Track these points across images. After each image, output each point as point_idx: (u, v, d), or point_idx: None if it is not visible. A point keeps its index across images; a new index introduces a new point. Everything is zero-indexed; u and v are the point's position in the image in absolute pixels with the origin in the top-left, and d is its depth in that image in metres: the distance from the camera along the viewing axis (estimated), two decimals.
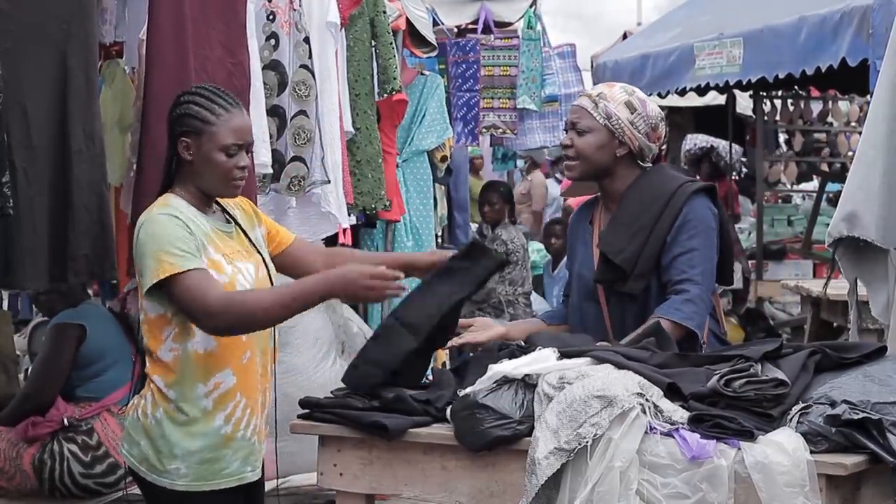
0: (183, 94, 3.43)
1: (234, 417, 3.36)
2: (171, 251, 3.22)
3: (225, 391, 3.34)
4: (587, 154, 3.77)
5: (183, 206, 3.35)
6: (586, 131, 3.77)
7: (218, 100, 3.37)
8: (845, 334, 7.35)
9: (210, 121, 3.32)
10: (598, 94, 3.80)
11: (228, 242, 3.42)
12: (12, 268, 4.10)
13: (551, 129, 9.74)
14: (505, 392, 3.25)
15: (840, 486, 2.98)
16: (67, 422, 5.18)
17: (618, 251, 3.70)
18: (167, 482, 3.33)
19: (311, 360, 5.60)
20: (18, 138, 4.05)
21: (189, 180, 3.39)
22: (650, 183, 3.81)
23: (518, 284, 8.87)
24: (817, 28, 7.05)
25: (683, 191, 3.76)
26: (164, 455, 3.32)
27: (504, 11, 9.39)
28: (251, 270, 3.42)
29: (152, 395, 3.36)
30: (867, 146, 4.26)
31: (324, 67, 5.56)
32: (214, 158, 3.33)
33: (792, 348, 3.34)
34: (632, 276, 3.70)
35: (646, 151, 3.80)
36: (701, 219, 3.74)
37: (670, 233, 3.71)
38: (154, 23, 4.39)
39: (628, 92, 3.81)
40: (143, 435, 3.35)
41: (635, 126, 3.76)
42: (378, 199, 6.34)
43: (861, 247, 4.30)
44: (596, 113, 3.76)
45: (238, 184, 3.40)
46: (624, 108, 3.76)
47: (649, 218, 3.72)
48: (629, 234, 3.72)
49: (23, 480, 5.21)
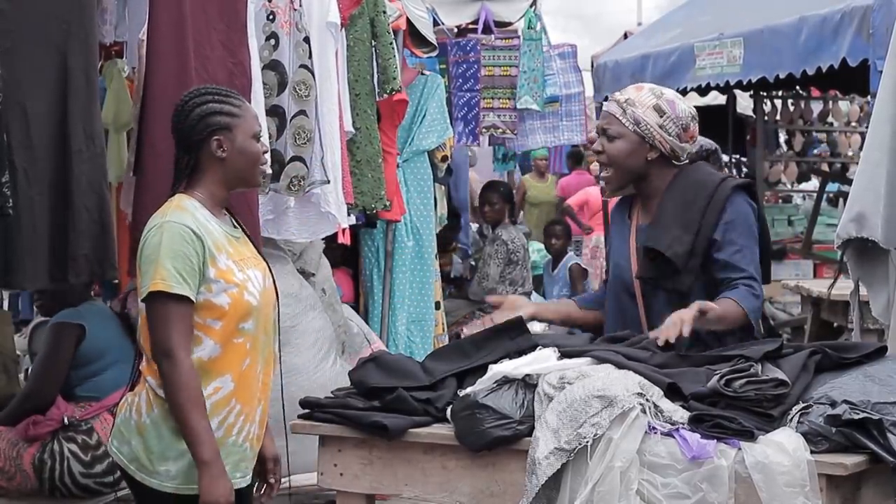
0: (189, 98, 3.43)
1: (227, 422, 3.35)
2: (170, 269, 3.23)
3: (222, 397, 3.33)
4: (619, 160, 3.77)
5: (198, 208, 3.35)
6: (616, 137, 3.76)
7: (229, 95, 3.46)
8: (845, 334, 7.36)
9: (237, 114, 3.40)
10: (626, 100, 3.77)
11: (238, 247, 3.43)
12: (12, 268, 4.09)
13: (552, 129, 9.73)
14: (505, 392, 3.25)
15: (840, 486, 2.98)
16: (68, 421, 5.18)
17: (667, 247, 3.70)
18: (156, 483, 3.31)
19: (311, 360, 5.59)
20: (18, 138, 4.05)
21: (210, 181, 3.39)
22: (690, 181, 3.80)
23: (518, 284, 8.87)
24: (818, 28, 7.04)
25: (725, 187, 3.75)
26: (156, 456, 3.31)
27: (504, 11, 9.37)
28: (259, 279, 3.43)
29: (147, 395, 3.34)
30: (873, 147, 4.26)
31: (324, 67, 5.56)
32: (249, 147, 3.41)
33: (792, 348, 3.34)
34: (684, 273, 3.70)
35: (678, 152, 3.78)
36: (745, 215, 3.75)
37: (717, 229, 3.71)
38: (154, 23, 4.39)
39: (657, 95, 3.78)
40: (135, 434, 3.33)
41: (665, 129, 3.74)
42: (378, 199, 6.34)
43: (865, 247, 4.31)
44: (624, 119, 3.75)
45: (265, 169, 3.52)
46: (652, 113, 3.74)
47: (695, 214, 3.71)
48: (677, 232, 3.71)
49: (23, 480, 5.20)
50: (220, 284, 3.31)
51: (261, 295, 3.40)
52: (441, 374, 3.47)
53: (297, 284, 5.74)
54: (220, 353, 3.32)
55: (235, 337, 3.34)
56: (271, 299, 3.48)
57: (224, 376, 3.34)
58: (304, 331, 5.63)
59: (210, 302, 3.30)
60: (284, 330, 5.53)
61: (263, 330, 3.42)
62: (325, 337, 5.73)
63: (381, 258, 7.03)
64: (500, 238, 8.86)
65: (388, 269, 6.99)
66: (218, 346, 3.31)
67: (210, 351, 3.31)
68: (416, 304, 7.14)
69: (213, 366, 3.32)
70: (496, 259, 8.78)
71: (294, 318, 5.59)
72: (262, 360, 3.44)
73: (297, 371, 5.51)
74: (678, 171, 3.81)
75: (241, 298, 3.33)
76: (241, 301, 3.33)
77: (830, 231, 10.21)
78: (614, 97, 3.84)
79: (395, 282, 7.01)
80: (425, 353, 6.06)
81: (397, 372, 3.49)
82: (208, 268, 3.29)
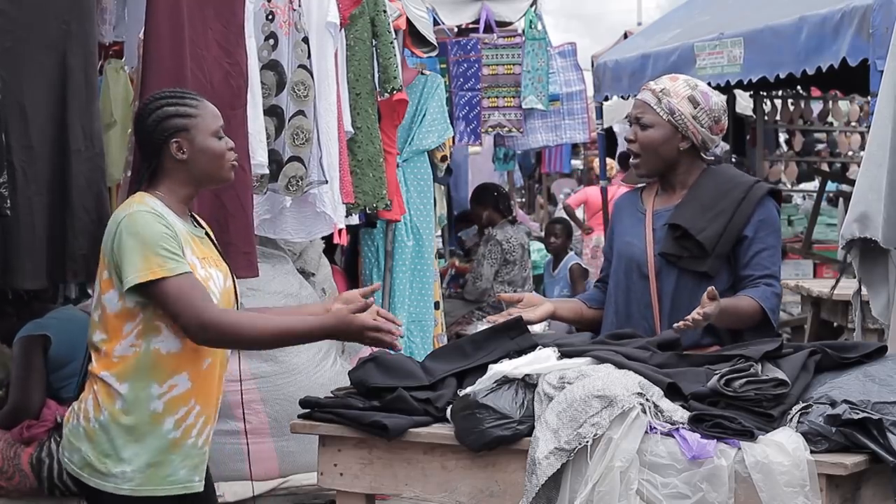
0: (146, 103, 3.46)
1: (185, 423, 3.33)
2: (160, 252, 3.23)
3: (178, 395, 3.31)
4: (652, 148, 3.83)
5: (159, 205, 3.35)
6: (650, 126, 3.83)
7: (185, 95, 3.46)
8: (845, 334, 7.35)
9: (192, 114, 3.39)
10: (662, 90, 3.83)
11: (201, 246, 3.43)
12: (11, 267, 4.09)
13: (553, 128, 9.74)
14: (505, 392, 3.25)
15: (840, 485, 2.98)
16: (61, 419, 5.19)
17: (699, 229, 3.75)
18: (111, 486, 3.29)
19: (311, 360, 5.59)
20: (17, 138, 4.04)
21: (174, 182, 3.40)
22: (724, 176, 3.88)
23: (518, 285, 8.85)
24: (818, 28, 7.04)
25: (759, 188, 3.83)
26: (111, 458, 3.29)
27: (505, 11, 9.38)
28: (220, 279, 3.43)
29: (95, 398, 3.32)
30: (875, 146, 4.27)
31: (322, 67, 5.55)
32: (210, 145, 3.40)
33: (792, 348, 3.34)
34: (712, 256, 3.75)
35: (709, 144, 3.87)
36: (775, 219, 3.84)
37: (748, 225, 3.77)
38: (151, 22, 4.38)
39: (691, 86, 3.85)
40: (84, 440, 3.31)
41: (698, 120, 3.81)
42: (379, 199, 6.34)
43: (867, 247, 4.31)
44: (659, 108, 3.81)
45: (234, 164, 3.48)
46: (687, 103, 3.80)
47: (730, 204, 3.78)
48: (710, 216, 3.77)
49: (22, 480, 5.20)
50: None
51: (221, 294, 3.40)
52: (441, 373, 3.47)
53: (297, 284, 5.74)
54: (178, 349, 3.31)
55: None
56: (231, 301, 3.48)
57: (180, 374, 3.32)
58: None
59: None
60: None
61: None
62: None
63: (381, 258, 7.03)
64: (495, 238, 8.84)
65: (388, 268, 6.99)
66: (177, 340, 3.30)
67: (169, 345, 3.30)
68: (415, 303, 7.14)
69: (171, 361, 3.31)
70: (489, 259, 8.77)
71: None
72: (221, 361, 3.44)
73: (297, 371, 5.51)
74: (707, 168, 3.89)
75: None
76: None
77: (830, 231, 10.22)
78: (648, 86, 3.89)
79: (395, 282, 7.01)
80: (425, 353, 6.05)
81: (397, 372, 3.49)
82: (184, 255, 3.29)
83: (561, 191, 17.37)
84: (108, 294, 3.32)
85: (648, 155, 3.84)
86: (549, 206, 16.62)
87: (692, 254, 3.76)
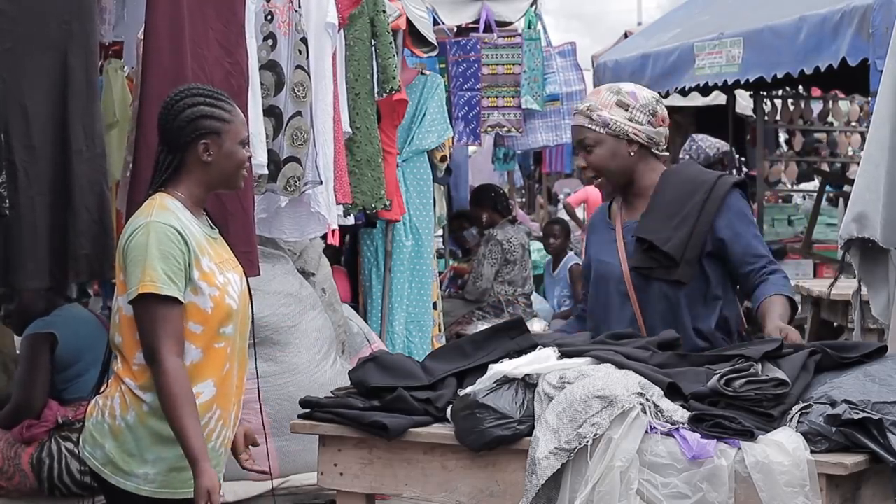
0: (179, 97, 3.40)
1: (207, 428, 3.33)
2: (158, 271, 3.21)
3: (204, 402, 3.31)
4: (604, 166, 3.80)
5: (180, 209, 3.34)
6: (593, 146, 3.79)
7: (221, 98, 3.43)
8: (845, 334, 7.35)
9: (227, 119, 3.38)
10: (589, 107, 3.81)
11: (217, 249, 3.42)
12: (12, 267, 4.10)
13: (553, 128, 9.72)
14: (505, 392, 3.25)
15: (840, 485, 2.98)
16: (62, 420, 5.19)
17: (665, 239, 3.72)
18: (133, 486, 3.29)
19: (311, 360, 5.59)
20: (19, 138, 4.05)
21: (193, 181, 3.38)
22: (684, 174, 3.86)
23: (518, 285, 8.85)
24: (817, 28, 7.04)
25: (722, 184, 3.79)
26: (135, 459, 3.28)
27: (505, 11, 9.38)
28: (237, 282, 3.43)
29: (122, 397, 3.31)
30: (873, 146, 4.27)
31: (319, 68, 5.55)
32: (236, 153, 3.40)
33: (792, 348, 3.34)
34: (682, 264, 3.72)
35: (656, 138, 3.82)
36: (745, 209, 3.81)
37: (720, 227, 3.73)
38: (151, 22, 4.38)
39: (615, 91, 3.82)
40: (109, 437, 3.30)
41: (635, 121, 3.78)
42: (378, 199, 6.34)
43: (866, 247, 4.31)
44: (594, 125, 3.78)
45: (246, 173, 3.51)
46: (617, 109, 3.78)
47: (693, 206, 3.75)
48: (674, 223, 3.74)
49: (22, 480, 5.21)
50: (204, 287, 3.30)
51: (239, 297, 3.40)
52: (441, 373, 3.47)
53: (297, 284, 5.74)
54: (201, 359, 3.31)
55: (216, 342, 3.33)
56: (247, 302, 3.48)
57: (206, 381, 3.32)
58: (304, 331, 5.63)
59: (194, 305, 3.29)
60: (284, 330, 5.54)
61: (241, 334, 3.42)
62: (325, 337, 5.73)
63: (381, 258, 7.03)
64: (495, 238, 8.84)
65: (388, 268, 6.99)
66: (199, 350, 3.30)
67: (193, 356, 3.29)
68: (414, 304, 7.14)
69: (195, 371, 3.29)
70: (490, 259, 8.78)
71: (294, 317, 5.59)
72: (238, 363, 3.43)
73: (297, 371, 5.51)
74: (667, 170, 3.85)
75: (223, 302, 3.33)
76: (222, 304, 3.32)
77: (830, 231, 10.21)
78: (577, 108, 3.88)
79: (394, 281, 7.01)
80: (424, 353, 6.06)
81: (397, 371, 3.49)
82: (193, 270, 3.28)
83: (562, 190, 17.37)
84: (123, 296, 3.32)
85: (605, 172, 3.80)
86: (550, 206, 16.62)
87: (661, 264, 3.73)
